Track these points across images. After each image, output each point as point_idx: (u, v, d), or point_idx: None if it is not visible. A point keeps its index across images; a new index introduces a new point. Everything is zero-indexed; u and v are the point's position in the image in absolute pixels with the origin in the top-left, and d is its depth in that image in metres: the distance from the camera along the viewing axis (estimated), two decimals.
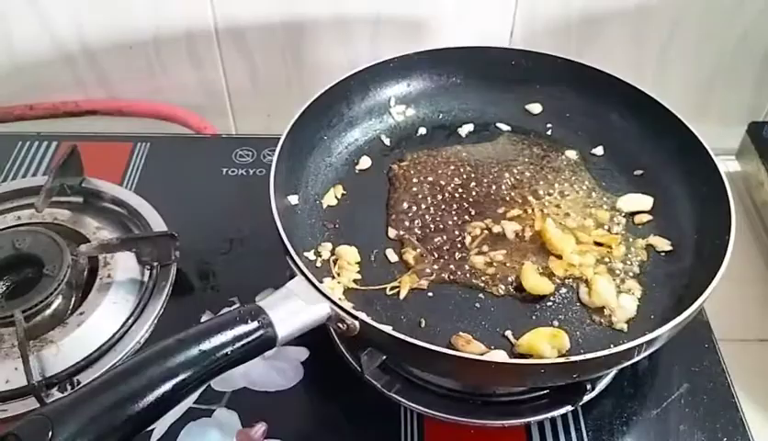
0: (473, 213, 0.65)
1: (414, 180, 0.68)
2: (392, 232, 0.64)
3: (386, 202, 0.67)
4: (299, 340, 0.49)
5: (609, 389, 0.59)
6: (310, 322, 0.48)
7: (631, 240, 0.63)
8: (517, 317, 0.57)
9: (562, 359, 0.48)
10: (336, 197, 0.67)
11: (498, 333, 0.56)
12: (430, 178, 0.68)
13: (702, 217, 0.62)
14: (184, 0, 0.78)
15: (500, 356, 0.53)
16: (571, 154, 0.71)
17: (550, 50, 0.72)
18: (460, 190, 0.67)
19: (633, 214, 0.65)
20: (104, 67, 0.83)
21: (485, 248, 0.62)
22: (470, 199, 0.67)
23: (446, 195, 0.67)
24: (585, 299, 0.58)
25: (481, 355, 0.53)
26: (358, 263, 0.61)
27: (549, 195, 0.67)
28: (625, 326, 0.56)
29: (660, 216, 0.65)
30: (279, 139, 0.62)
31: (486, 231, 0.64)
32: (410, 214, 0.65)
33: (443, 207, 0.66)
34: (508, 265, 0.61)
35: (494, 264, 0.61)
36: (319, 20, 0.82)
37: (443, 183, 0.68)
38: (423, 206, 0.66)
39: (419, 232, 0.63)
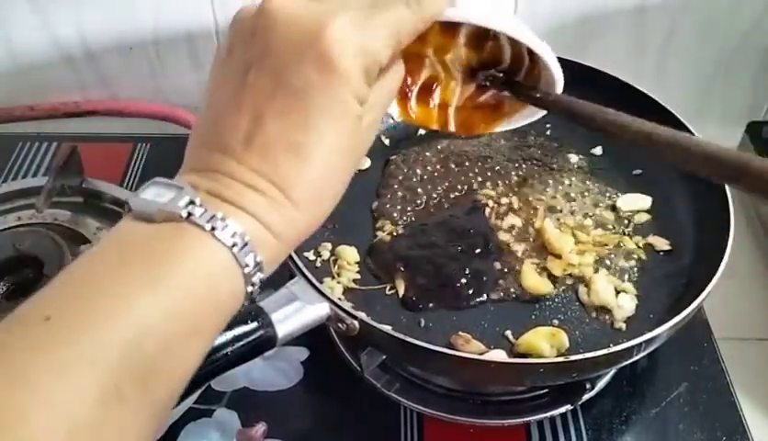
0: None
1: (412, 177, 0.69)
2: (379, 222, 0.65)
3: (375, 192, 0.68)
4: (299, 340, 0.49)
5: (608, 388, 0.59)
6: (310, 322, 0.48)
7: (630, 239, 0.63)
8: (517, 316, 0.57)
9: (561, 359, 0.48)
10: None
11: (497, 332, 0.56)
12: (427, 176, 0.69)
13: (701, 216, 0.62)
14: (184, 0, 0.78)
15: (499, 355, 0.53)
16: (571, 154, 0.71)
17: None
18: (459, 188, 0.68)
19: (632, 213, 0.65)
20: (104, 68, 0.83)
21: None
22: (470, 198, 0.67)
23: (445, 193, 0.67)
24: (584, 298, 0.58)
25: (481, 354, 0.53)
26: (358, 263, 0.61)
27: (548, 194, 0.67)
28: (624, 325, 0.56)
29: (658, 215, 0.65)
30: None
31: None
32: (408, 210, 0.65)
33: (443, 204, 0.66)
34: (507, 264, 0.61)
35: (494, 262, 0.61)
36: None
37: (441, 181, 0.68)
38: (420, 201, 0.66)
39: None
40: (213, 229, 0.29)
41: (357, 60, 0.32)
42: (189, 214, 0.29)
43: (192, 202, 0.30)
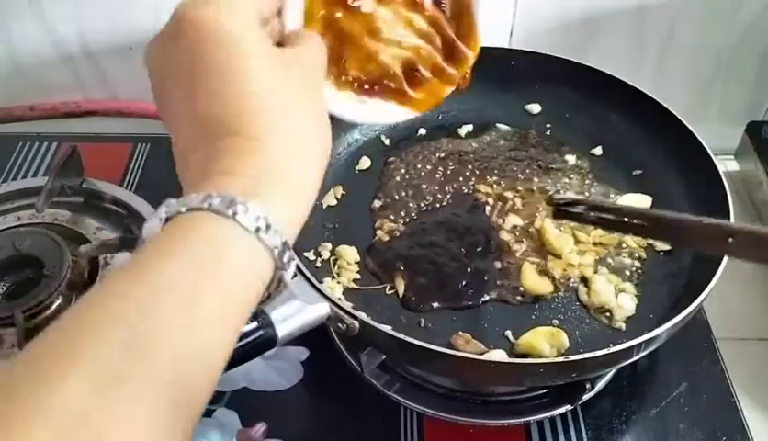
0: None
1: (412, 177, 0.69)
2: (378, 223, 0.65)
3: (375, 192, 0.68)
4: (299, 340, 0.49)
5: (608, 388, 0.59)
6: (310, 322, 0.48)
7: (630, 239, 0.63)
8: (517, 317, 0.57)
9: (561, 359, 0.48)
10: (336, 197, 0.67)
11: (497, 332, 0.56)
12: (426, 176, 0.69)
13: (700, 216, 0.62)
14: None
15: (499, 355, 0.53)
16: (570, 154, 0.71)
17: (550, 50, 0.72)
18: (458, 188, 0.68)
19: None
20: (104, 68, 0.83)
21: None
22: (470, 197, 0.67)
23: (445, 192, 0.67)
24: (584, 298, 0.58)
25: (481, 354, 0.53)
26: (358, 263, 0.61)
27: (549, 194, 0.67)
28: (624, 325, 0.56)
29: None
30: None
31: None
32: (408, 209, 0.65)
33: (443, 203, 0.66)
34: (507, 263, 0.61)
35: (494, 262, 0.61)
36: None
37: (441, 180, 0.68)
38: (420, 200, 0.66)
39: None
40: (202, 206, 0.30)
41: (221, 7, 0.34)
42: (167, 213, 0.30)
43: (172, 202, 0.31)
